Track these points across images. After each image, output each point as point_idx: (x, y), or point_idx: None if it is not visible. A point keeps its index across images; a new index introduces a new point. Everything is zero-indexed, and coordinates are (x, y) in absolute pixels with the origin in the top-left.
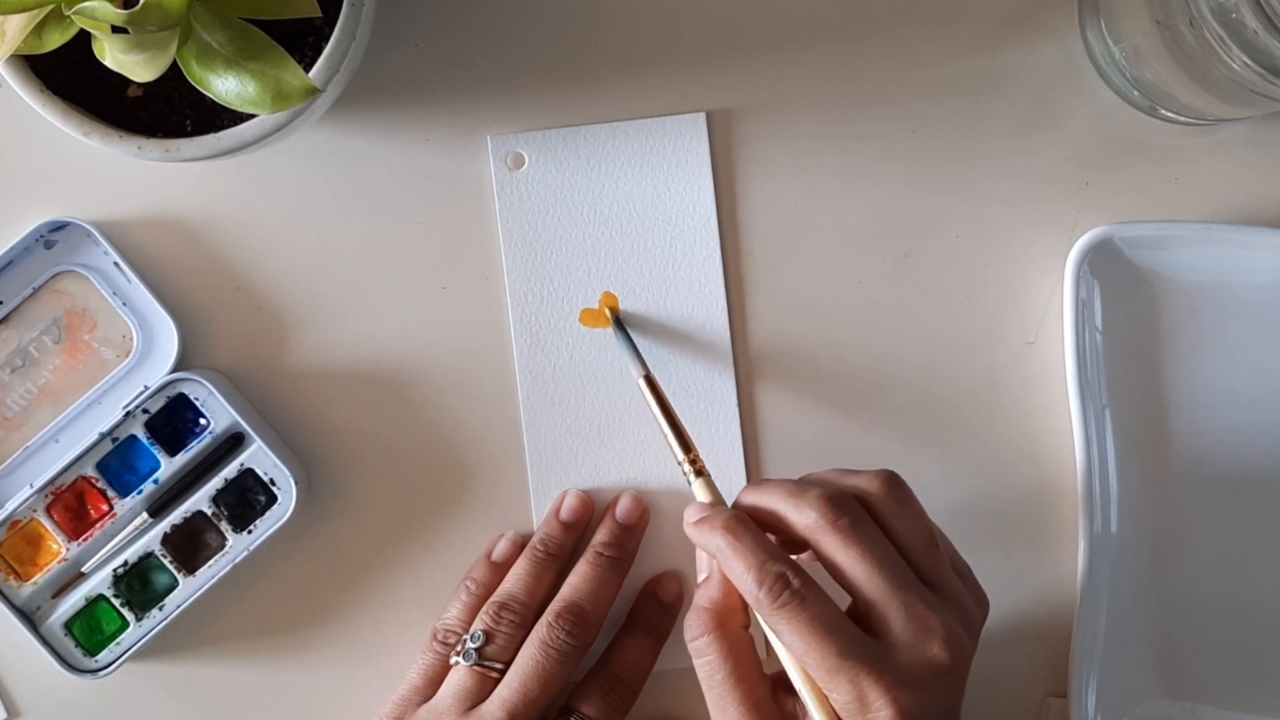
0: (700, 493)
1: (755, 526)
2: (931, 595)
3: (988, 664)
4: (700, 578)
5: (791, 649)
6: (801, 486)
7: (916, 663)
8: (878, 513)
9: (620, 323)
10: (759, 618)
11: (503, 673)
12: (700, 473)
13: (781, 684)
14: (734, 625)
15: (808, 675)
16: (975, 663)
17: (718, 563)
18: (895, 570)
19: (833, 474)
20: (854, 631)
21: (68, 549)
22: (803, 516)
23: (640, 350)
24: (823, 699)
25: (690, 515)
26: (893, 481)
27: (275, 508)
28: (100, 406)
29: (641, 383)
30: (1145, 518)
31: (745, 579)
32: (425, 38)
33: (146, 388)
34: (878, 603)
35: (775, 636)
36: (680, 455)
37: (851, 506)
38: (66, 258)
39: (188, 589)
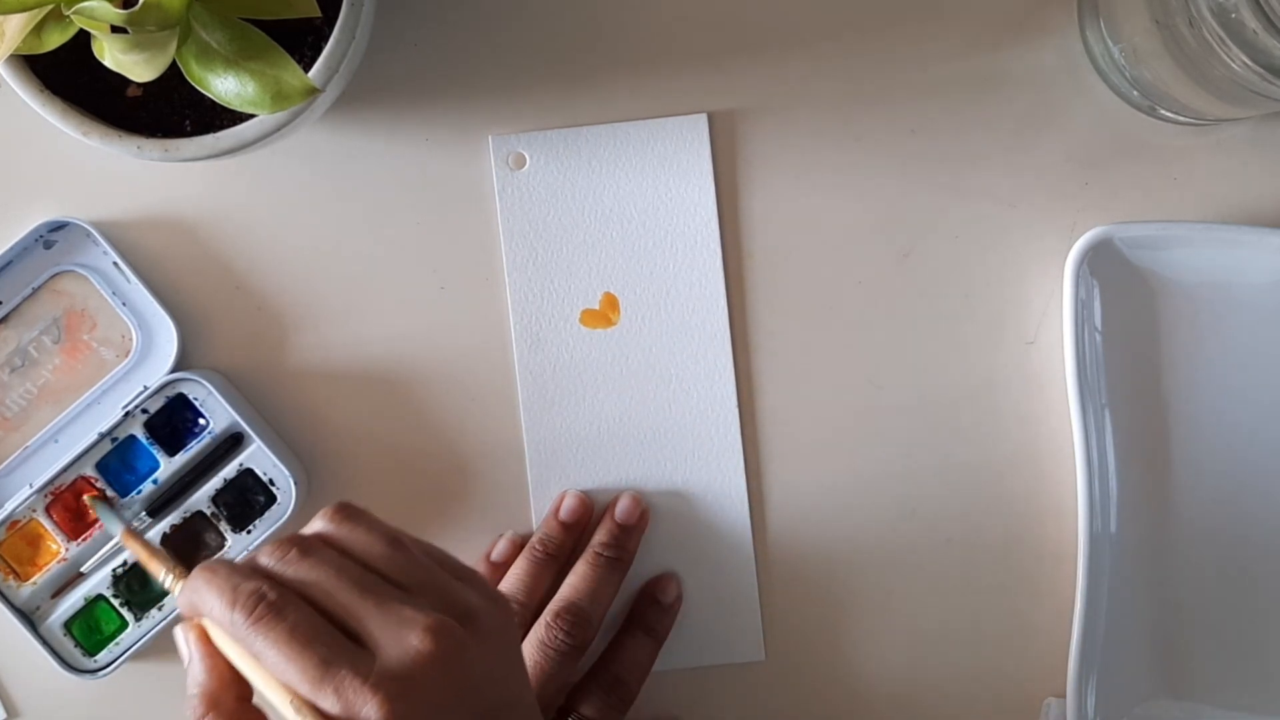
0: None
1: (234, 562)
2: (404, 592)
3: (988, 664)
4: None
5: (275, 669)
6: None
7: (402, 658)
8: (334, 543)
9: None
10: (239, 657)
11: None
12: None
13: None
14: (228, 702)
15: (299, 699)
16: (975, 662)
17: (193, 638)
18: (355, 579)
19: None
20: (339, 640)
21: (67, 549)
22: (245, 580)
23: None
24: (312, 713)
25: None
26: (338, 507)
27: (275, 508)
28: (99, 406)
29: (121, 537)
30: (1145, 518)
31: (219, 609)
32: (425, 37)
33: (146, 388)
34: (350, 615)
35: (259, 663)
36: (166, 578)
37: (299, 541)
38: (66, 258)
39: None
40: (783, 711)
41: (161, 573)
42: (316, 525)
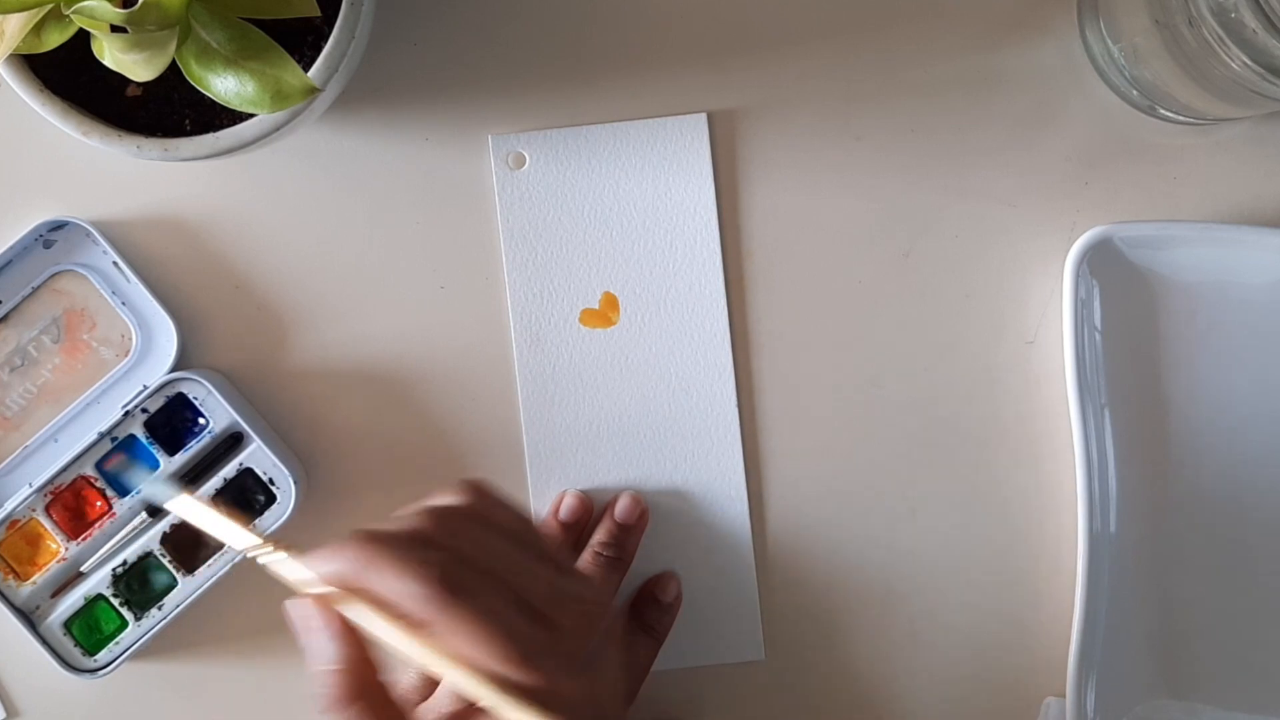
0: (295, 567)
1: (391, 531)
2: (568, 578)
3: (988, 664)
4: (303, 643)
5: (467, 646)
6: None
7: (589, 639)
8: (487, 520)
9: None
10: (405, 638)
11: None
12: (286, 547)
13: None
14: (368, 677)
15: (494, 676)
16: (975, 662)
17: (324, 610)
18: (529, 559)
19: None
20: (529, 618)
21: (67, 548)
22: (423, 551)
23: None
24: (510, 691)
25: (303, 586)
26: (473, 485)
27: (274, 507)
28: (99, 406)
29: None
30: (1145, 518)
31: (405, 584)
32: (425, 37)
33: (145, 387)
34: (531, 594)
35: (441, 639)
36: (255, 547)
37: (459, 513)
38: (66, 257)
39: (187, 588)
40: (783, 711)
41: (250, 539)
42: (456, 499)
